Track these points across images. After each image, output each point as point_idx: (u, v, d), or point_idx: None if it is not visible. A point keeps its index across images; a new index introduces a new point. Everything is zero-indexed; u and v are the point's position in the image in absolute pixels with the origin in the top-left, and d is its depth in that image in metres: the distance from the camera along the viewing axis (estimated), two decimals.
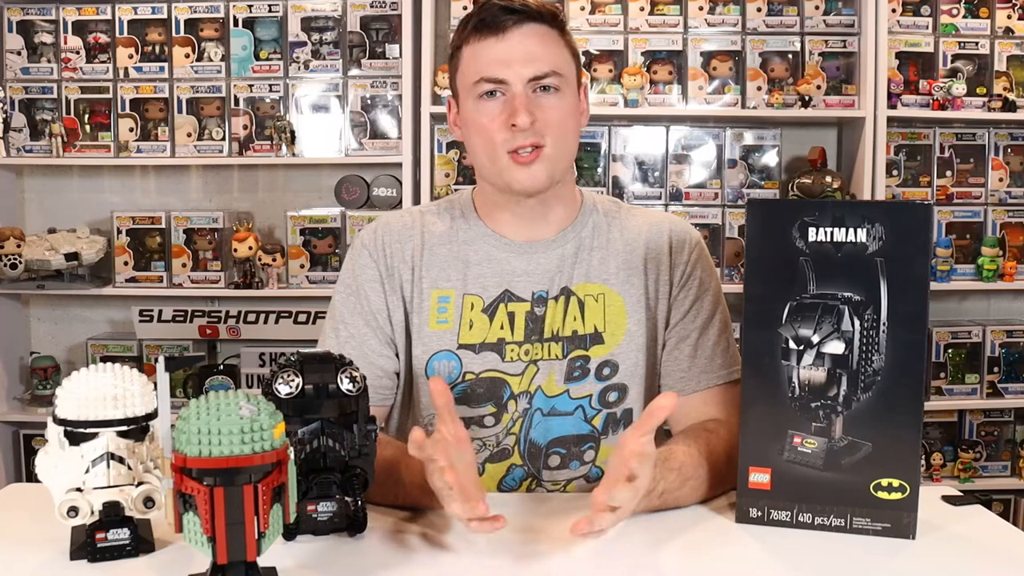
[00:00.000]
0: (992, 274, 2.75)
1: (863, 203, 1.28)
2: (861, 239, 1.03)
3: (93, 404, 0.96)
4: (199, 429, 0.81)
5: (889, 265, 1.03)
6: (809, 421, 1.06)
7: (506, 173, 1.27)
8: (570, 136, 1.30)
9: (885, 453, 1.05)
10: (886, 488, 1.05)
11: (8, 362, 2.91)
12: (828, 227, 1.04)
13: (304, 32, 2.79)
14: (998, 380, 2.80)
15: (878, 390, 1.04)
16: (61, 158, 2.80)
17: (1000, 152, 2.82)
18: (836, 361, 1.05)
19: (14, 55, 2.83)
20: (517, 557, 1.01)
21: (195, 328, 2.87)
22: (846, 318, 1.04)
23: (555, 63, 1.26)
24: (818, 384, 1.05)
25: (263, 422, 0.83)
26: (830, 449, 1.06)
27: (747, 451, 1.09)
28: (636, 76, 2.68)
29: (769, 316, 1.06)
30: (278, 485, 0.84)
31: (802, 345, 1.05)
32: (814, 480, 1.06)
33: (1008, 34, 2.77)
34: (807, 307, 1.05)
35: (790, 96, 2.71)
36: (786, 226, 1.05)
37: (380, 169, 2.80)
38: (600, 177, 2.78)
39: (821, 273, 1.05)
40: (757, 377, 1.08)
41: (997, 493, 2.81)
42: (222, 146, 2.80)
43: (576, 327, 1.31)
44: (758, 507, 1.09)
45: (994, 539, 1.08)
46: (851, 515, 1.06)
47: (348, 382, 1.03)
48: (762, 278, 1.08)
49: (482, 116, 1.26)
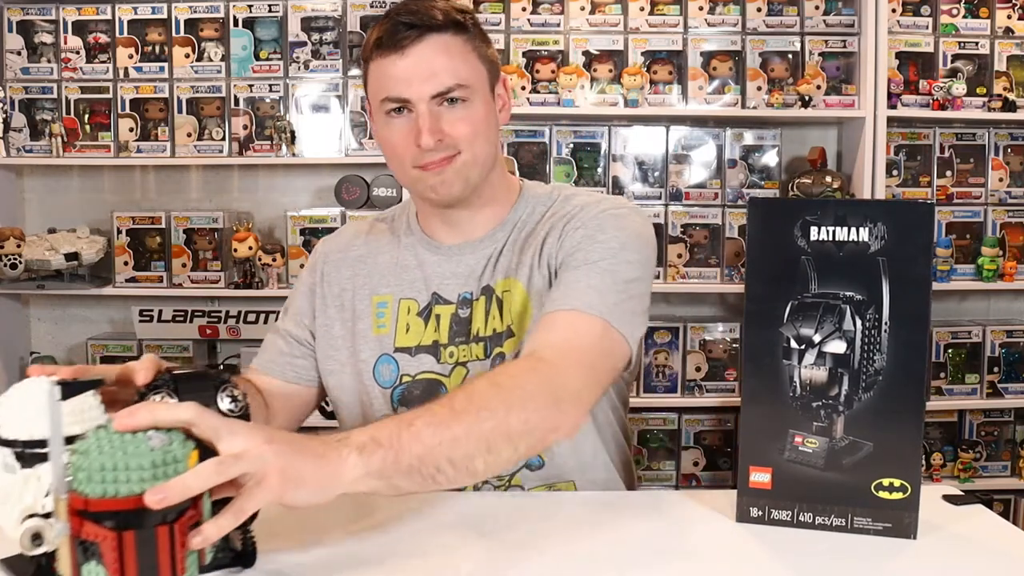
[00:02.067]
0: (992, 274, 2.75)
1: (865, 202, 1.28)
2: (863, 238, 1.03)
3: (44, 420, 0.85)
4: (102, 465, 0.71)
5: (891, 264, 1.02)
6: (810, 421, 1.06)
7: (419, 183, 1.26)
8: (484, 141, 1.26)
9: (886, 453, 1.04)
10: (887, 488, 1.04)
11: (8, 362, 2.91)
12: (830, 226, 1.03)
13: (304, 32, 2.79)
14: (998, 380, 2.80)
15: (879, 390, 1.03)
16: (61, 158, 2.80)
17: (1000, 152, 2.82)
18: (837, 360, 1.04)
19: (14, 55, 2.83)
20: (508, 561, 1.00)
21: (195, 328, 2.87)
22: (848, 317, 1.03)
23: (458, 75, 1.22)
24: (819, 384, 1.05)
25: (176, 452, 0.74)
26: (831, 449, 1.05)
27: (748, 450, 1.09)
28: (636, 76, 2.68)
29: (770, 315, 1.06)
30: (194, 523, 0.75)
31: (803, 344, 1.05)
32: (815, 480, 1.06)
33: (1008, 34, 2.78)
34: (809, 306, 1.04)
35: (790, 96, 2.71)
36: (788, 225, 1.05)
37: (380, 169, 2.79)
38: (600, 177, 2.78)
39: (823, 272, 1.04)
40: (758, 376, 1.07)
41: (997, 493, 2.81)
42: (222, 146, 2.80)
43: (495, 325, 1.29)
44: (759, 506, 1.08)
45: (994, 539, 1.08)
46: (852, 515, 1.05)
47: (229, 401, 0.93)
48: (763, 277, 1.07)
49: (392, 134, 1.25)
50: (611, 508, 1.17)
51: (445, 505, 1.14)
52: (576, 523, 1.11)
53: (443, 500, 1.15)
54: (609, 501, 1.22)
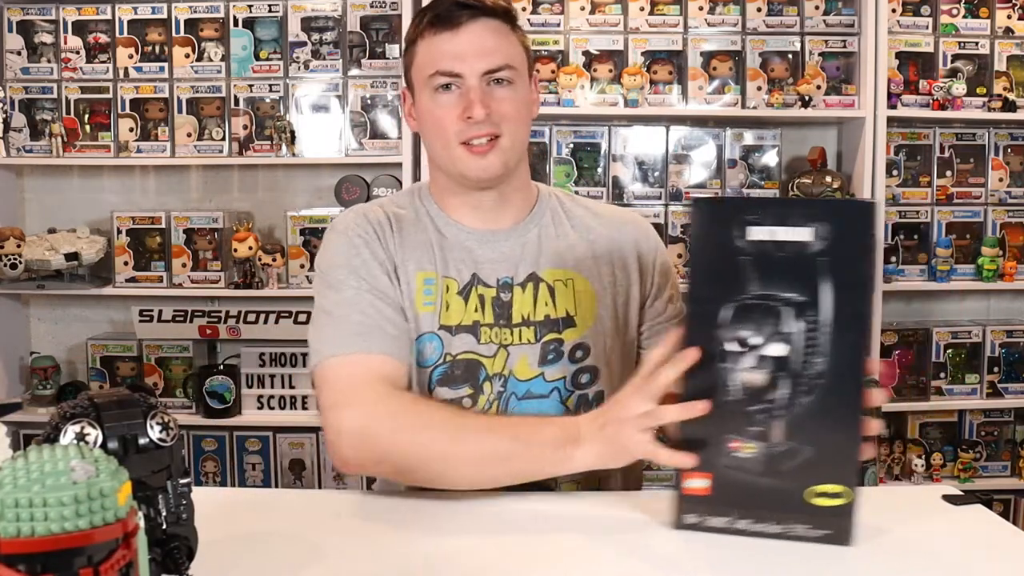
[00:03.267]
0: (992, 274, 2.75)
1: (806, 201, 1.24)
2: (804, 238, 0.99)
3: None
4: (16, 501, 0.61)
5: (832, 265, 0.98)
6: (748, 426, 1.02)
7: (460, 163, 1.30)
8: (523, 127, 1.34)
9: (825, 458, 1.00)
10: (825, 494, 1.01)
11: (8, 362, 2.91)
12: (771, 226, 1.00)
13: (304, 32, 2.79)
14: (998, 380, 2.80)
15: (820, 394, 1.00)
16: (61, 158, 2.80)
17: (1000, 152, 2.82)
18: (777, 364, 1.00)
19: (14, 55, 2.83)
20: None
21: (195, 328, 2.87)
22: (788, 319, 1.00)
23: (509, 57, 1.30)
24: (758, 387, 1.01)
25: (104, 485, 0.63)
26: (769, 454, 1.01)
27: (679, 453, 1.04)
28: (636, 76, 2.68)
29: (710, 317, 1.02)
30: (125, 565, 0.65)
31: (743, 347, 1.01)
32: (752, 486, 1.02)
33: (1008, 34, 2.78)
34: (748, 308, 1.01)
35: (790, 96, 2.71)
36: (728, 225, 1.01)
37: (380, 169, 2.80)
38: (600, 177, 2.78)
39: (763, 273, 1.00)
40: (696, 380, 1.03)
41: (997, 493, 2.81)
42: (222, 146, 2.80)
43: (548, 311, 1.34)
44: (696, 513, 1.05)
45: (994, 539, 1.08)
46: (789, 522, 1.02)
47: (159, 429, 0.81)
48: (704, 278, 1.04)
49: (437, 108, 1.30)
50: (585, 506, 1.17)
51: (445, 506, 1.15)
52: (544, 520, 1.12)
53: (443, 500, 1.15)
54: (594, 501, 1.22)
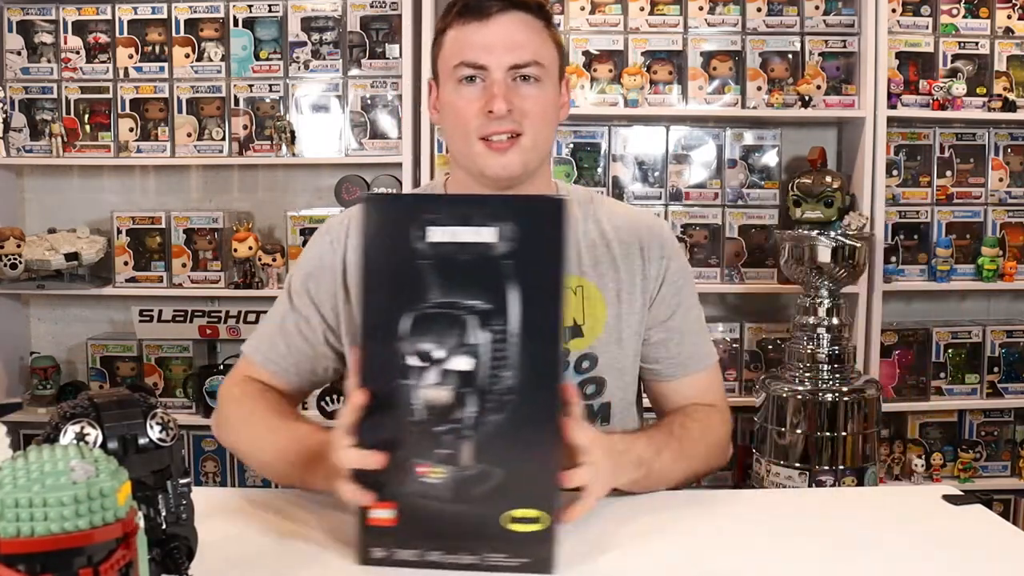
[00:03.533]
0: (992, 274, 2.75)
1: (491, 198, 1.16)
2: (488, 239, 0.91)
3: None
4: (16, 501, 0.62)
5: (520, 269, 0.91)
6: (434, 448, 0.92)
7: (479, 159, 1.27)
8: (547, 128, 1.30)
9: (519, 481, 0.92)
10: (521, 520, 0.93)
11: (8, 362, 2.91)
12: (452, 226, 0.92)
13: (304, 32, 2.79)
14: (998, 380, 2.80)
15: (510, 411, 0.91)
16: (61, 158, 2.80)
17: (1000, 152, 2.82)
18: (463, 379, 0.92)
19: (14, 55, 2.83)
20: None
21: (195, 328, 2.87)
22: (473, 329, 0.91)
23: (537, 53, 1.25)
24: (443, 405, 0.92)
25: (103, 485, 0.64)
26: (459, 479, 0.93)
27: (366, 485, 0.95)
28: (636, 76, 2.68)
29: (387, 329, 0.92)
30: (125, 565, 0.65)
31: (424, 361, 0.92)
32: (442, 514, 0.93)
33: (1008, 34, 2.78)
34: (430, 318, 0.92)
35: (790, 96, 2.71)
36: (405, 226, 0.92)
37: (380, 169, 2.80)
38: (600, 177, 2.78)
39: (445, 279, 0.92)
40: (375, 399, 0.93)
41: (997, 493, 2.81)
42: (222, 146, 2.80)
43: None
44: (382, 546, 0.95)
45: (994, 539, 1.08)
46: (484, 551, 0.93)
47: (159, 430, 0.83)
48: (379, 285, 0.94)
49: (459, 100, 1.26)
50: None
51: None
52: None
53: None
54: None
